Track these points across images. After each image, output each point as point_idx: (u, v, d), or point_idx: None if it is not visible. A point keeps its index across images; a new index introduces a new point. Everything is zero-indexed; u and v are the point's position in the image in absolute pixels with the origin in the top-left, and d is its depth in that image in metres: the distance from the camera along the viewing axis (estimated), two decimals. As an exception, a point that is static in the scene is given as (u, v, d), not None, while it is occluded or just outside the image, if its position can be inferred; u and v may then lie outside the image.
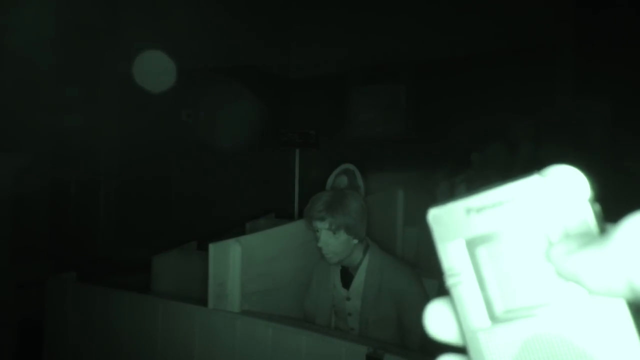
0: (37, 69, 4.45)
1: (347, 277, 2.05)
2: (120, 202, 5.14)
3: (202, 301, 2.00)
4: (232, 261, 1.94)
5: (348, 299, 2.03)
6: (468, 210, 0.26)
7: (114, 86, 5.09)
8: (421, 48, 4.94)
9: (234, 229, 3.03)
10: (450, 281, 0.26)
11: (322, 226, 1.94)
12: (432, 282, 2.09)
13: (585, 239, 0.23)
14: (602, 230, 0.23)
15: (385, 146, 5.06)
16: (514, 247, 0.25)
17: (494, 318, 0.24)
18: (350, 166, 2.87)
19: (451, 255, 0.26)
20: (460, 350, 0.27)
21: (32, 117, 4.42)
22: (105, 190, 5.10)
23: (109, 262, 4.40)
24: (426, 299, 1.99)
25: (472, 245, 0.26)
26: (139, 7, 4.76)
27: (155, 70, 4.71)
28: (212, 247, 1.95)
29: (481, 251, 0.26)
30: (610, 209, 0.26)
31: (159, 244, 3.14)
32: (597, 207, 0.24)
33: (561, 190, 0.24)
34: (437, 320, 0.28)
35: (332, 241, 1.94)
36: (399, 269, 1.96)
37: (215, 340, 1.95)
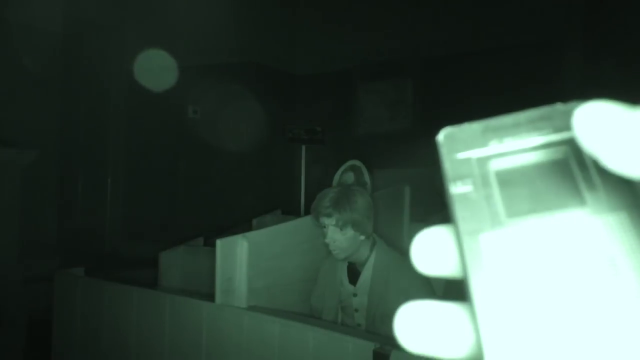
0: (44, 66, 4.47)
1: (354, 273, 2.06)
2: (127, 198, 5.16)
3: (210, 296, 2.01)
4: (239, 257, 1.95)
5: (355, 295, 2.03)
6: (485, 130, 0.26)
7: (121, 83, 5.11)
8: (427, 43, 4.93)
9: (240, 225, 3.04)
10: (453, 189, 0.25)
11: (329, 222, 1.95)
12: (439, 278, 2.08)
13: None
14: None
15: (391, 142, 5.04)
16: (531, 161, 0.25)
17: (500, 224, 0.23)
18: (357, 162, 2.87)
19: (459, 163, 0.25)
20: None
21: (39, 113, 4.44)
22: (112, 186, 5.13)
23: (117, 258, 4.43)
24: (433, 295, 1.99)
25: (484, 159, 0.25)
26: (145, 2, 4.77)
27: (161, 67, 4.72)
28: (220, 243, 1.95)
29: (493, 163, 0.25)
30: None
31: (167, 240, 3.16)
32: None
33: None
34: (427, 250, 0.25)
35: (339, 237, 1.94)
36: (405, 265, 1.96)
37: (222, 336, 1.96)
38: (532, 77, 4.35)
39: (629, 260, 0.21)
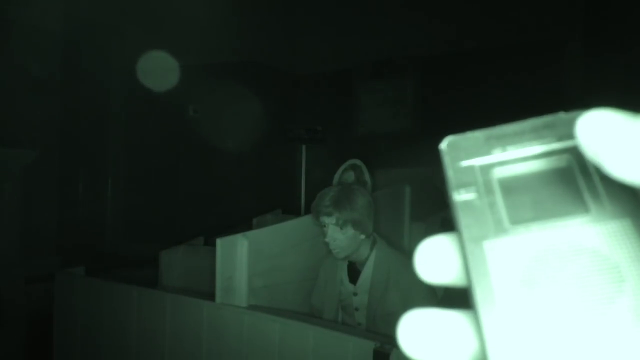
0: (44, 65, 4.47)
1: (354, 272, 2.06)
2: (128, 198, 5.17)
3: (210, 296, 2.01)
4: (239, 256, 1.94)
5: (355, 294, 2.03)
6: (488, 138, 0.26)
7: (121, 82, 5.11)
8: (428, 43, 4.93)
9: (241, 224, 3.04)
10: (457, 196, 0.25)
11: (330, 221, 1.95)
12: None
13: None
14: None
15: (392, 142, 5.05)
16: (534, 169, 0.25)
17: (504, 231, 0.23)
18: (357, 161, 2.87)
19: (462, 171, 0.25)
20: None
21: (39, 113, 4.44)
22: (113, 186, 5.13)
23: (117, 257, 4.43)
24: (433, 294, 1.99)
25: (487, 166, 0.25)
26: (145, 2, 4.77)
27: (161, 66, 4.72)
28: (220, 242, 1.95)
29: (497, 170, 0.25)
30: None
31: (167, 239, 3.16)
32: None
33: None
34: (430, 259, 0.25)
35: (339, 236, 1.94)
36: (406, 264, 1.96)
37: (222, 335, 1.96)
38: (532, 75, 4.35)
39: (633, 267, 0.21)
